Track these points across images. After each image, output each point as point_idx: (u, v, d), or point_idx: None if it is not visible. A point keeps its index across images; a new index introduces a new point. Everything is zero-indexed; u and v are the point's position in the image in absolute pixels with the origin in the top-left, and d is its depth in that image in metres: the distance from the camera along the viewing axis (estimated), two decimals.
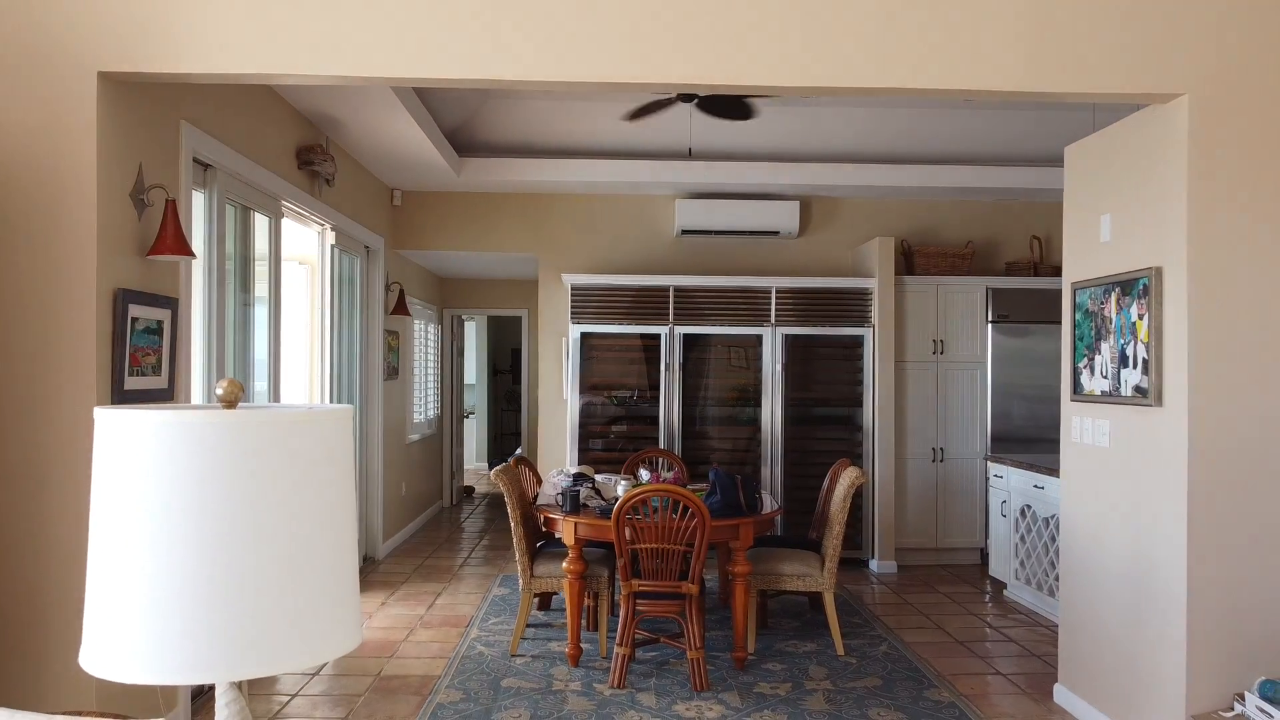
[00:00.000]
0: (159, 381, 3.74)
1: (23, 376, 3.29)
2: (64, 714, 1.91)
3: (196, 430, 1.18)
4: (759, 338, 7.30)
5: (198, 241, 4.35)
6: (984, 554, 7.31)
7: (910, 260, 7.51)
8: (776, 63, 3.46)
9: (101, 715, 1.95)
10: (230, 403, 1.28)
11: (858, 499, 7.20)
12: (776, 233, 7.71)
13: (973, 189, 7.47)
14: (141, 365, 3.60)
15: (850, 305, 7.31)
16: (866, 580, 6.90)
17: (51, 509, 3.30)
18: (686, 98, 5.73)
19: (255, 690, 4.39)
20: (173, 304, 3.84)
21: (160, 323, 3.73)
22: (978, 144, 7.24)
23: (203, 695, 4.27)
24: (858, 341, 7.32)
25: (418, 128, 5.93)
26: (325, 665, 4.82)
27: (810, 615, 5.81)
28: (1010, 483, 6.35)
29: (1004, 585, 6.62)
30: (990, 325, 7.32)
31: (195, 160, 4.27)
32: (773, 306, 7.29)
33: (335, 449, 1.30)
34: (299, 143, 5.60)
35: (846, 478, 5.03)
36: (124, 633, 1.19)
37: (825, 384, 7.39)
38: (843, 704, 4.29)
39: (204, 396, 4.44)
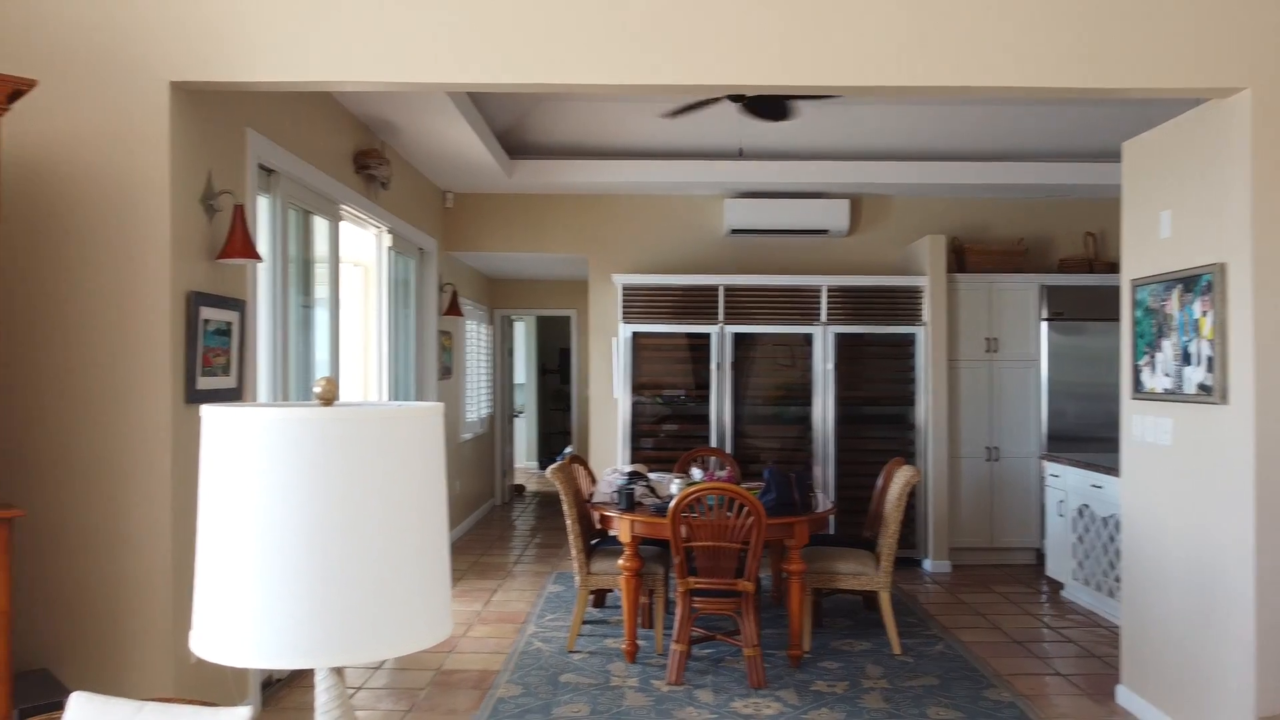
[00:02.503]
0: (229, 381, 3.84)
1: (104, 376, 3.41)
2: (153, 700, 1.99)
3: (300, 426, 1.24)
4: (809, 336, 7.30)
5: (263, 245, 4.46)
6: (1040, 554, 7.24)
7: (962, 258, 7.45)
8: (821, 63, 3.47)
9: (188, 702, 2.02)
10: (328, 400, 1.34)
11: (911, 498, 7.17)
12: (826, 231, 7.70)
13: (1025, 185, 7.40)
14: (212, 365, 3.71)
15: (901, 303, 7.27)
16: (920, 579, 6.86)
17: (132, 501, 3.41)
18: (733, 97, 5.74)
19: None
20: (241, 306, 3.95)
21: (229, 324, 3.84)
22: (1030, 139, 7.17)
23: (271, 687, 4.38)
24: (909, 340, 7.29)
25: (470, 131, 6.02)
26: (387, 659, 4.91)
27: (864, 614, 5.80)
28: (1067, 482, 6.28)
29: (1061, 585, 6.55)
30: (1045, 323, 7.24)
31: (260, 166, 4.38)
32: (823, 305, 7.28)
33: (428, 444, 1.35)
34: (356, 147, 5.71)
35: (901, 476, 5.02)
36: (233, 618, 1.25)
37: (876, 382, 7.36)
38: (900, 703, 4.28)
39: (269, 397, 4.55)
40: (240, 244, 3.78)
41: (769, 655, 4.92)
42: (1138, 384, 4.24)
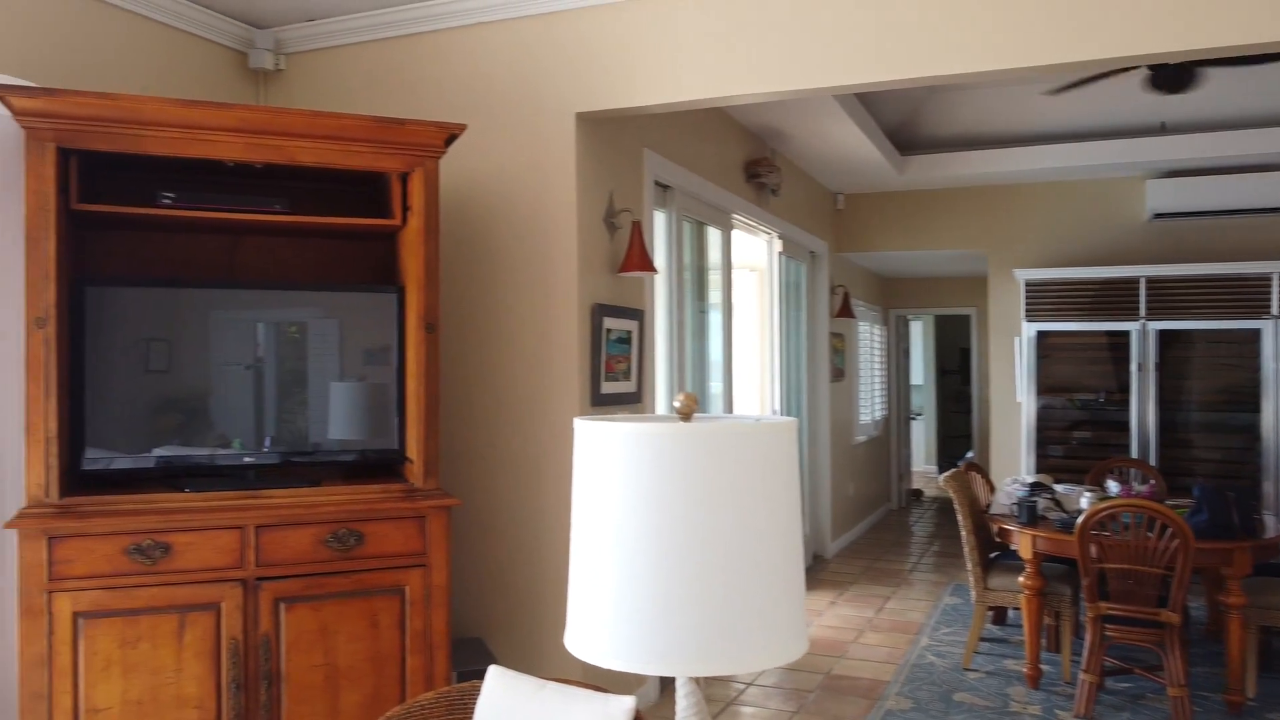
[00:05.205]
0: (629, 386, 4.13)
1: (525, 381, 3.82)
2: (555, 680, 2.20)
3: (655, 440, 1.30)
4: (1256, 332, 6.32)
5: (659, 257, 4.74)
6: None
7: None
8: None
9: (585, 685, 2.20)
10: (686, 415, 1.38)
11: None
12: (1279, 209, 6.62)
13: None
14: (614, 371, 4.01)
15: None
16: None
17: (546, 494, 3.79)
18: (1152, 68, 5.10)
19: (716, 676, 4.68)
20: (639, 316, 4.22)
21: (629, 333, 4.13)
22: None
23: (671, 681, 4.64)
24: None
25: (859, 131, 5.94)
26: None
27: None
28: None
29: None
30: None
31: (656, 183, 4.65)
32: (1275, 295, 6.27)
33: (780, 460, 1.35)
34: (746, 157, 5.88)
35: None
36: (596, 620, 1.34)
37: None
38: None
39: (667, 401, 4.82)
40: (638, 258, 4.04)
41: (1201, 698, 4.33)
42: None
